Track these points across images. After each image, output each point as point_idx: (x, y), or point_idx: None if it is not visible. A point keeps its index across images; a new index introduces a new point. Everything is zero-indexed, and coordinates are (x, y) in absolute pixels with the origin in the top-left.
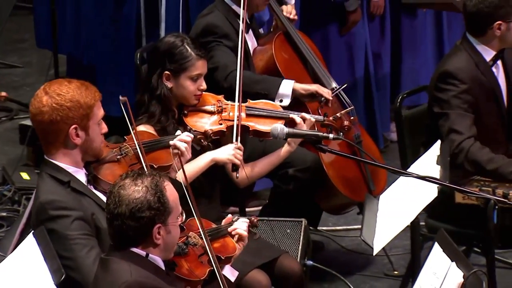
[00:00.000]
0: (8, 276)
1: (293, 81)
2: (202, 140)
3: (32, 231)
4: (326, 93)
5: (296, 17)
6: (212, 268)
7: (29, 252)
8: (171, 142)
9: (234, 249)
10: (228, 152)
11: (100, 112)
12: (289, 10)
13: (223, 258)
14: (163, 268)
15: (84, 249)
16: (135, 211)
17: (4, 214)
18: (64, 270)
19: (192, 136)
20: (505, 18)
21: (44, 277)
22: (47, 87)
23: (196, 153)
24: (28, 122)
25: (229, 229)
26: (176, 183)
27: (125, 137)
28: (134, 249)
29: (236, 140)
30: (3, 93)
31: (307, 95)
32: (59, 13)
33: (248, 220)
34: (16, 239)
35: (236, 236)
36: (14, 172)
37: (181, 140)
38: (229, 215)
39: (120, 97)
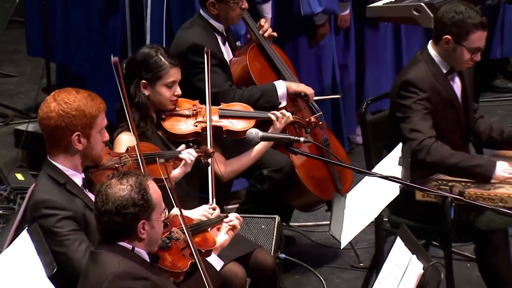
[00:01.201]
0: (4, 269)
1: (283, 81)
2: (202, 158)
3: (27, 227)
4: (310, 91)
5: (275, 34)
6: (193, 260)
7: (23, 247)
8: (182, 156)
9: (214, 242)
10: (199, 213)
11: (103, 122)
12: (265, 28)
13: (203, 251)
14: (148, 260)
15: (74, 243)
16: (121, 208)
17: (0, 212)
18: (56, 263)
19: (196, 154)
20: (454, 37)
21: (37, 270)
22: (56, 94)
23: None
24: (22, 127)
25: (226, 220)
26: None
27: (128, 147)
28: (121, 243)
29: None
30: None
31: (295, 94)
32: (50, 25)
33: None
34: (11, 235)
35: (225, 229)
36: (9, 173)
37: (190, 153)
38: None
39: (112, 58)
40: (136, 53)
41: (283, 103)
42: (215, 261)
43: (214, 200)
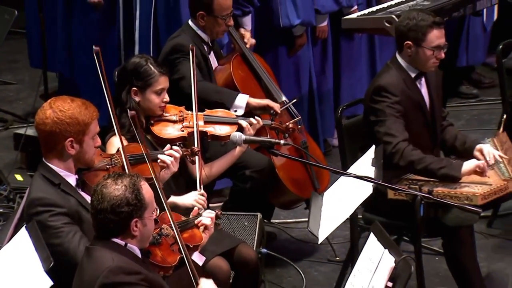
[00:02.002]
0: (3, 264)
1: (248, 96)
2: (188, 156)
3: (25, 224)
4: (276, 106)
5: (254, 41)
6: (182, 255)
7: (22, 243)
8: (159, 156)
9: (201, 238)
10: (192, 198)
11: (95, 128)
12: (247, 36)
13: (191, 246)
14: (140, 256)
15: (69, 235)
16: (115, 207)
17: (1, 210)
18: (54, 255)
19: (181, 152)
20: (413, 41)
21: (35, 264)
22: (52, 102)
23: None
24: (21, 131)
25: (196, 221)
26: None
27: (118, 148)
28: (115, 240)
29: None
30: None
31: (259, 108)
32: (51, 37)
33: (213, 212)
34: (11, 231)
35: (202, 226)
36: (9, 174)
37: (169, 154)
38: (196, 208)
39: (94, 47)
40: (127, 62)
41: (239, 112)
42: (197, 257)
43: (202, 187)
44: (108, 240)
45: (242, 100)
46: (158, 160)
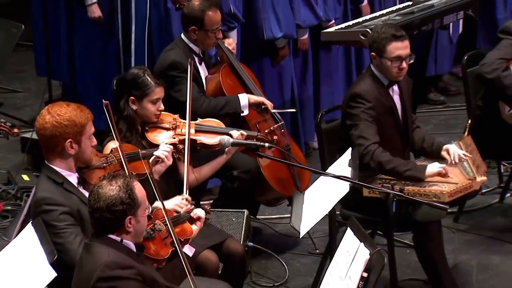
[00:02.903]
0: (11, 257)
1: (246, 94)
2: (174, 153)
3: (31, 221)
4: (269, 104)
5: (234, 50)
6: (173, 248)
7: (28, 237)
8: (155, 153)
9: (191, 232)
10: (174, 203)
11: (91, 129)
12: (229, 42)
13: (182, 240)
14: (135, 250)
15: (71, 236)
16: (110, 206)
17: (9, 207)
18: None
19: (171, 147)
20: (377, 52)
21: (40, 257)
22: (50, 108)
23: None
24: (27, 135)
25: (192, 214)
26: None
27: (112, 148)
28: (111, 236)
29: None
30: (16, 130)
31: (256, 104)
32: (55, 48)
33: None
34: (18, 227)
35: (196, 216)
36: (17, 175)
37: (164, 150)
38: (188, 206)
39: (103, 101)
40: (126, 73)
41: (246, 112)
42: (187, 249)
43: (187, 192)
44: (105, 236)
45: (244, 99)
46: (153, 157)
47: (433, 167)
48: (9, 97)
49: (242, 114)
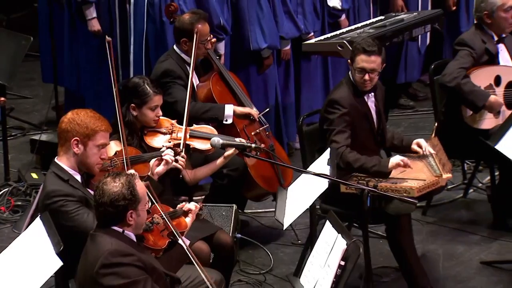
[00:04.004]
0: (22, 248)
1: (232, 105)
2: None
3: (39, 215)
4: (255, 114)
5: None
6: (170, 239)
7: (37, 230)
8: (164, 157)
9: (186, 226)
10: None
11: (101, 139)
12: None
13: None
14: (135, 240)
15: (83, 216)
16: (114, 201)
17: (20, 203)
18: (73, 236)
19: (173, 154)
20: (350, 61)
21: (48, 248)
22: (77, 110)
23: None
24: (36, 137)
25: (184, 208)
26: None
27: (116, 151)
28: (114, 227)
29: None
30: (2, 98)
31: (242, 115)
32: (60, 58)
33: (196, 205)
34: (27, 220)
35: (187, 209)
36: (26, 173)
37: (170, 154)
38: (183, 203)
39: (106, 37)
40: (128, 82)
41: (229, 121)
42: (185, 240)
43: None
44: (108, 228)
45: (229, 110)
46: (154, 159)
47: (394, 159)
48: (19, 103)
49: (224, 122)
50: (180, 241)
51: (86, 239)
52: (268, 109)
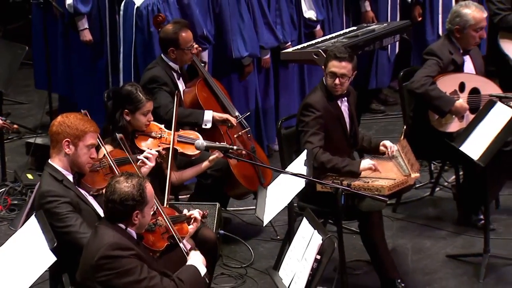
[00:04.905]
0: (18, 244)
1: (212, 111)
2: (157, 158)
3: (34, 213)
4: (233, 120)
5: (200, 49)
6: (168, 243)
7: (32, 227)
8: (139, 157)
9: (187, 231)
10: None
11: (91, 140)
12: (197, 49)
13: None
14: (135, 238)
15: (72, 219)
16: (123, 200)
17: (16, 202)
18: (59, 237)
19: (154, 152)
20: (324, 67)
21: (42, 244)
22: (65, 114)
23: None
24: (31, 140)
25: (187, 214)
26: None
27: (104, 153)
28: (119, 224)
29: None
30: (15, 126)
31: (221, 120)
32: (53, 65)
33: (201, 212)
34: (23, 218)
35: (193, 218)
36: (22, 174)
37: (149, 153)
38: (191, 211)
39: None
40: (121, 89)
41: (208, 126)
42: (186, 244)
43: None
44: (113, 224)
45: (208, 115)
46: (139, 161)
47: (365, 163)
48: (15, 108)
49: (204, 127)
50: (181, 245)
51: (71, 241)
52: (248, 113)
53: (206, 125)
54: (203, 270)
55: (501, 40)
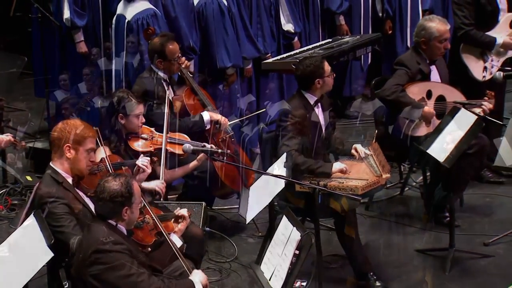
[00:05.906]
0: (18, 241)
1: (207, 112)
2: (150, 163)
3: (33, 212)
4: (223, 120)
5: (188, 63)
6: (156, 238)
7: (31, 225)
8: (137, 163)
9: (172, 229)
10: (155, 184)
11: (90, 144)
12: (185, 62)
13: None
14: (126, 234)
15: (66, 221)
16: (113, 197)
17: (16, 202)
18: (54, 235)
19: (147, 161)
20: (320, 76)
21: (40, 241)
22: (65, 121)
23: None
24: (31, 145)
25: (177, 212)
26: None
27: (102, 158)
28: (109, 220)
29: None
30: (23, 143)
31: (214, 121)
32: (50, 75)
33: (189, 211)
34: (22, 217)
35: (182, 217)
36: (21, 176)
37: (143, 161)
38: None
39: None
40: (113, 97)
41: (208, 127)
42: (178, 240)
43: (163, 179)
44: (104, 221)
45: (206, 116)
46: (136, 167)
47: (337, 165)
48: (15, 115)
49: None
50: (168, 240)
51: (63, 241)
52: (237, 120)
53: (207, 126)
54: None
55: (462, 54)
